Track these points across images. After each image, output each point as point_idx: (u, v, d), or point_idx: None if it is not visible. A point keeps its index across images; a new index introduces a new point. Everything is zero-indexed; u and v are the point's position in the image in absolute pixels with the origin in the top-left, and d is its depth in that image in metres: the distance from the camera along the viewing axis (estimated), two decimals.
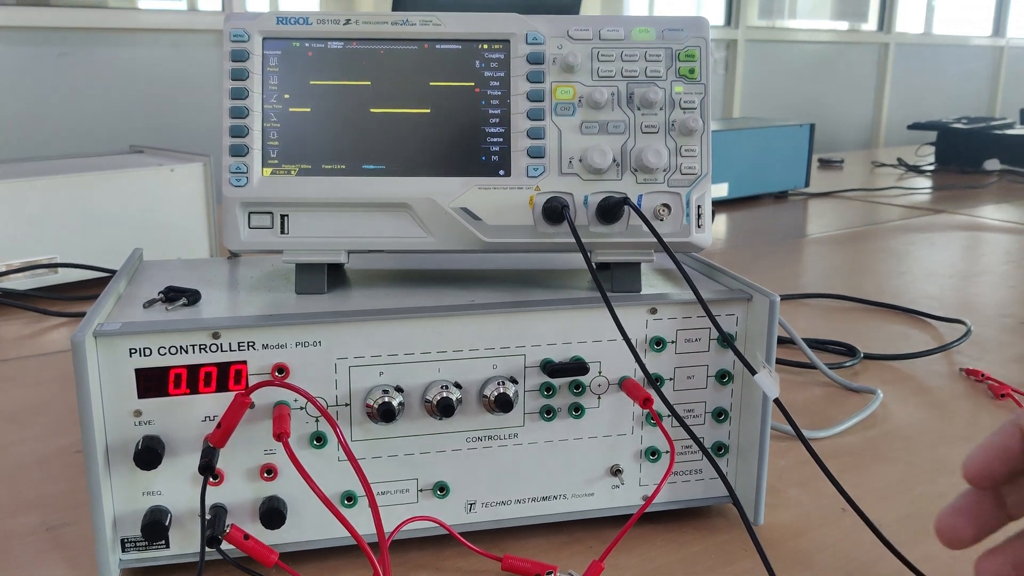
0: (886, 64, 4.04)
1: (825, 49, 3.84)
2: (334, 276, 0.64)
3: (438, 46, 0.61)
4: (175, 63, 2.26)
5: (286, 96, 0.60)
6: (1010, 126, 2.73)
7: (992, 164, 2.50)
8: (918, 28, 4.36)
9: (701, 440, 0.62)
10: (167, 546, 0.56)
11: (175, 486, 0.55)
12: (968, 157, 2.57)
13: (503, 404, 0.57)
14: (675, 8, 3.47)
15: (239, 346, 0.54)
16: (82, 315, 1.09)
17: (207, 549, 0.52)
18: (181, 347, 0.53)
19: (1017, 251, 1.55)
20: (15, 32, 2.04)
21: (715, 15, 3.50)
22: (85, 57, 2.14)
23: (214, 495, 0.55)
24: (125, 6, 2.25)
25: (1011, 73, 4.67)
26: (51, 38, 2.09)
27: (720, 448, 0.63)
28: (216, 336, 0.53)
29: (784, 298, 1.21)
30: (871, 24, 4.11)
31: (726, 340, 0.57)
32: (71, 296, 1.18)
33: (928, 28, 4.43)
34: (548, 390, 0.59)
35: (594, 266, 0.57)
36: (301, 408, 0.55)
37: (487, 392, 0.57)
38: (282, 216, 0.60)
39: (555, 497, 0.61)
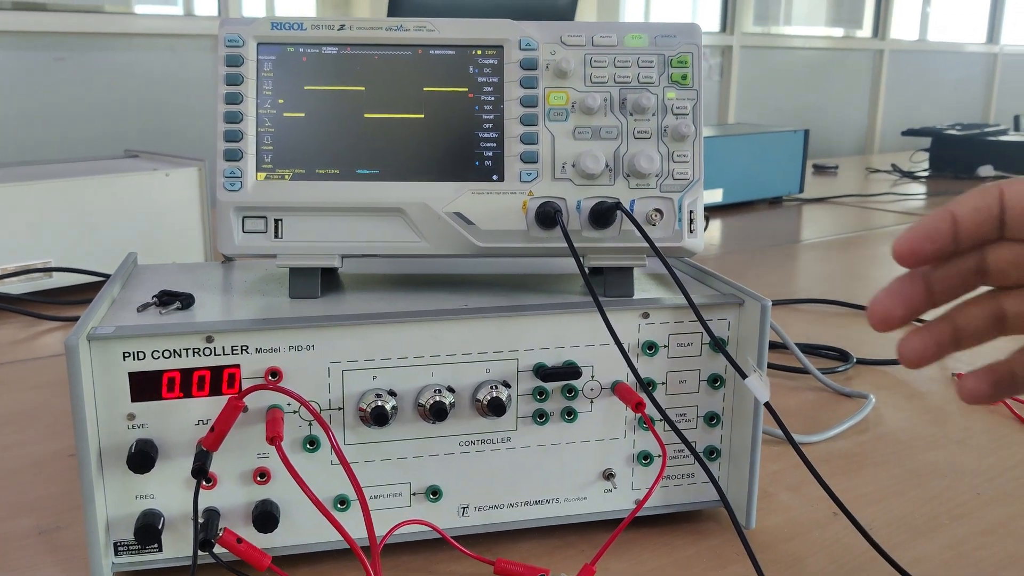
0: (880, 70, 4.06)
1: (820, 55, 3.85)
2: (328, 280, 0.64)
3: (432, 51, 0.61)
4: (171, 68, 2.26)
5: (280, 101, 0.60)
6: (1004, 132, 2.74)
7: (986, 170, 2.51)
8: (913, 35, 4.38)
9: (693, 444, 0.62)
10: (160, 549, 0.56)
11: (168, 490, 0.55)
12: (962, 163, 2.58)
13: (496, 408, 0.57)
14: (670, 14, 3.48)
15: (232, 350, 0.54)
16: (76, 319, 1.09)
17: (200, 553, 0.52)
18: (174, 351, 0.53)
19: None
20: (11, 37, 2.04)
21: (710, 21, 3.51)
22: (81, 62, 2.14)
23: (207, 499, 0.55)
24: (122, 11, 2.25)
25: (1005, 80, 4.69)
26: (48, 43, 2.09)
27: (712, 452, 0.63)
28: (210, 340, 0.53)
29: (777, 303, 1.21)
30: (866, 31, 4.12)
31: (717, 344, 0.57)
32: (66, 300, 1.18)
33: (923, 35, 4.44)
34: (541, 394, 0.59)
35: (587, 271, 0.58)
36: (294, 412, 0.55)
37: (480, 396, 0.57)
38: (276, 220, 0.60)
39: (547, 501, 0.61)
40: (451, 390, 0.57)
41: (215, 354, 0.54)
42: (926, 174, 2.62)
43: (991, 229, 0.40)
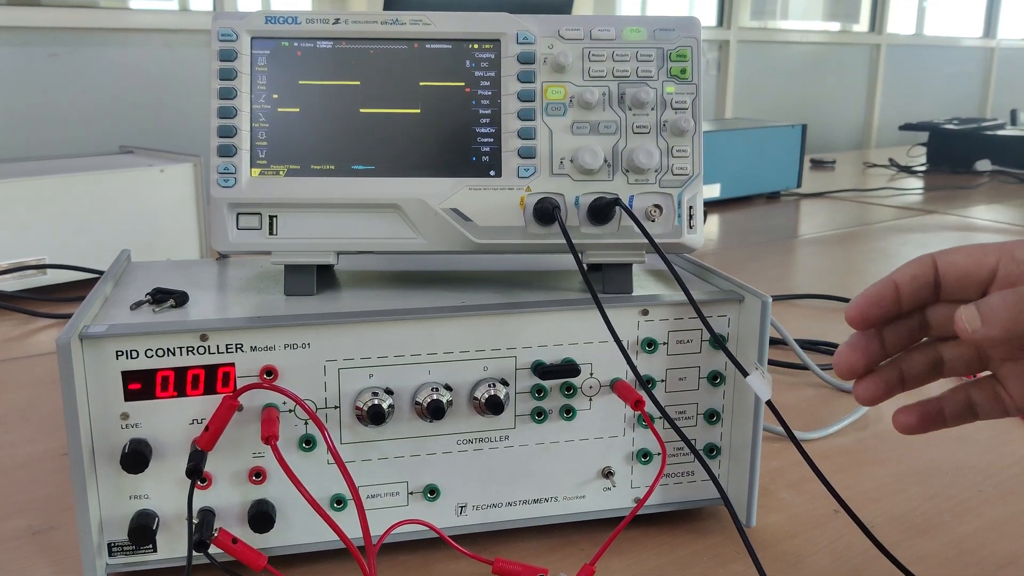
0: (878, 65, 4.05)
1: (817, 50, 3.84)
2: (323, 277, 0.63)
3: (428, 46, 0.60)
4: (166, 63, 2.24)
5: (275, 96, 0.59)
6: (1001, 127, 2.74)
7: (983, 165, 2.51)
8: (909, 29, 4.37)
9: (693, 442, 0.61)
10: (154, 550, 0.55)
11: (162, 490, 0.54)
12: (959, 158, 2.57)
13: (494, 406, 0.56)
14: (667, 8, 3.47)
15: (227, 348, 0.53)
16: (71, 317, 1.09)
17: (195, 553, 0.51)
18: (168, 349, 0.52)
19: None
20: (5, 32, 2.03)
21: (707, 16, 3.49)
22: (76, 57, 2.13)
23: (202, 499, 0.55)
24: (116, 6, 2.23)
25: (1002, 74, 4.68)
26: (42, 38, 2.08)
27: (712, 450, 0.62)
28: (204, 338, 0.53)
29: (776, 299, 1.21)
30: (863, 25, 4.11)
31: (717, 342, 0.56)
32: (60, 298, 1.17)
33: (919, 29, 4.43)
34: (539, 392, 0.58)
35: (585, 267, 0.57)
36: (290, 411, 0.55)
37: (478, 394, 0.57)
38: (271, 217, 0.59)
39: (546, 500, 0.60)
40: (448, 388, 0.56)
41: (209, 352, 0.53)
42: (923, 169, 2.62)
43: (928, 294, 0.47)
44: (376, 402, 0.55)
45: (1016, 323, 0.40)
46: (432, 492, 0.58)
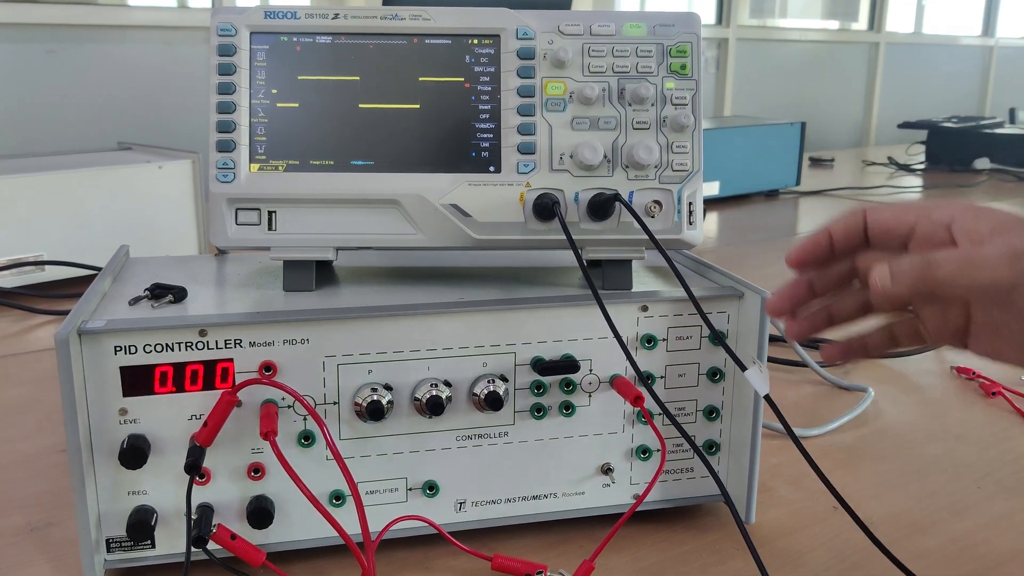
0: (876, 63, 4.05)
1: (816, 48, 3.84)
2: (322, 273, 0.63)
3: (428, 41, 0.60)
4: (165, 60, 2.24)
5: (274, 91, 0.59)
6: (999, 125, 2.74)
7: (982, 163, 2.51)
8: (908, 27, 4.37)
9: (692, 438, 0.61)
10: (153, 546, 0.55)
11: (161, 485, 0.54)
12: (958, 156, 2.57)
13: (493, 402, 0.56)
14: (667, 5, 3.47)
15: (226, 344, 0.53)
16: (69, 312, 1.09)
17: (193, 549, 0.51)
18: (167, 345, 0.52)
19: None
20: (3, 29, 2.02)
21: (706, 14, 3.49)
22: (74, 54, 2.12)
23: (201, 494, 0.55)
24: (115, 3, 2.23)
25: (1001, 72, 4.68)
26: (40, 35, 2.08)
27: (711, 446, 0.62)
28: (203, 334, 0.53)
29: None
30: (861, 23, 4.11)
31: (716, 336, 0.56)
32: (58, 294, 1.17)
33: (918, 27, 4.43)
34: (538, 388, 0.58)
35: (585, 263, 0.57)
36: (289, 406, 0.55)
37: (477, 390, 0.57)
38: (270, 212, 0.59)
39: (545, 496, 0.60)
40: (448, 384, 0.56)
41: (208, 348, 0.53)
42: (922, 167, 2.62)
43: (858, 243, 0.53)
44: (375, 398, 0.55)
45: (919, 284, 0.46)
46: (431, 488, 0.58)
